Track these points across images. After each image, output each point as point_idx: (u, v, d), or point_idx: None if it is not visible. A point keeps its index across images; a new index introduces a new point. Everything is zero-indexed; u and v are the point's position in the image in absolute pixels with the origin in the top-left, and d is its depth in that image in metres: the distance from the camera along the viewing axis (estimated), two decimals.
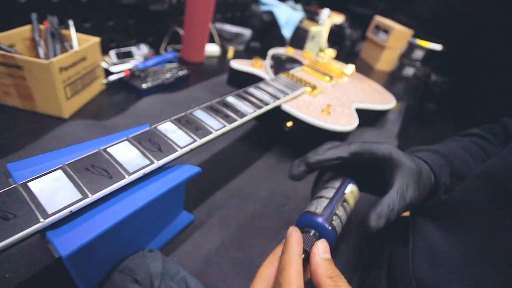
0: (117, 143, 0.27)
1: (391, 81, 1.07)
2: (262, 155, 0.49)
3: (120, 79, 0.58)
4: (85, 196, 0.21)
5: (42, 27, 0.51)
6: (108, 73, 0.59)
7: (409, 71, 1.17)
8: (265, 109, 0.41)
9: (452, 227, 0.28)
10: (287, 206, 0.41)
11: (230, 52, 0.85)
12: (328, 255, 0.21)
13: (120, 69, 0.60)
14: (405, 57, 1.17)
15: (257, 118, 0.40)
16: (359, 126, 0.50)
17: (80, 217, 0.21)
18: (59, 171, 0.23)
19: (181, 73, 0.65)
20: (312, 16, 1.11)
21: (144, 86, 0.57)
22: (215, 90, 0.64)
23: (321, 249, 0.21)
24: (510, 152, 0.27)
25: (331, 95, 0.56)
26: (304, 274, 0.21)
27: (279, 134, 0.51)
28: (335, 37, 1.16)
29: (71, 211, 0.21)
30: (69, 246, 0.19)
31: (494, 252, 0.23)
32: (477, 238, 0.24)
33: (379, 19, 1.12)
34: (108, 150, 0.26)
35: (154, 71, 0.62)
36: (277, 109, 0.45)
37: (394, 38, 1.06)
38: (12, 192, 0.20)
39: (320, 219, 0.23)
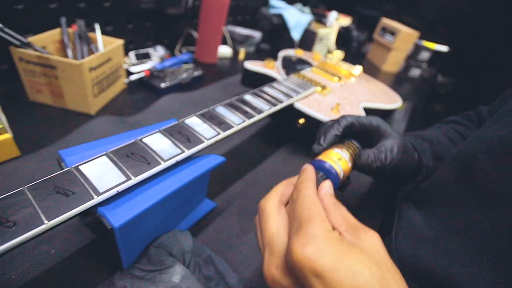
0: (151, 134, 0.30)
1: (398, 82, 1.09)
2: (275, 149, 0.52)
3: (140, 79, 0.61)
4: (128, 178, 0.25)
5: (70, 30, 0.55)
6: (128, 73, 0.63)
7: (415, 72, 1.19)
8: (279, 106, 0.44)
9: (429, 209, 0.31)
10: None
11: (241, 53, 0.88)
12: (332, 192, 0.24)
13: (140, 69, 0.63)
14: (411, 59, 1.19)
15: (271, 115, 0.43)
16: None
17: (125, 196, 0.24)
18: (104, 157, 0.26)
19: (196, 73, 0.68)
20: (320, 18, 1.13)
21: (162, 85, 0.60)
22: (229, 89, 0.67)
23: (327, 186, 0.24)
24: (476, 136, 0.30)
25: (340, 94, 0.59)
26: None
27: (291, 131, 0.54)
28: (343, 39, 1.18)
29: (118, 191, 0.24)
30: (120, 219, 0.22)
31: (465, 229, 0.26)
32: (449, 217, 0.28)
33: (386, 21, 1.14)
34: (144, 140, 0.29)
35: (171, 71, 0.66)
36: (290, 107, 0.48)
37: (401, 40, 1.08)
38: (67, 173, 0.24)
39: (327, 165, 0.26)
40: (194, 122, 0.34)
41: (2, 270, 0.27)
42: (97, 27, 0.56)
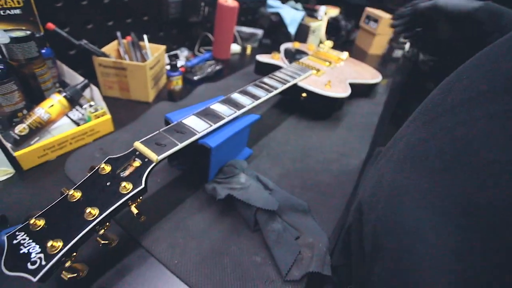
0: (214, 103, 0.49)
1: (383, 63, 1.27)
2: (286, 117, 0.70)
3: None
4: (210, 125, 0.43)
5: (124, 41, 0.73)
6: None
7: (398, 53, 1.37)
8: (288, 85, 0.62)
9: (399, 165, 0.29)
10: (306, 147, 0.62)
11: (248, 49, 1.06)
12: None
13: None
14: (394, 42, 1.37)
15: (282, 92, 0.61)
16: (355, 96, 0.71)
17: (211, 135, 0.43)
18: (193, 116, 0.45)
19: (217, 67, 0.86)
20: (311, 13, 1.31)
21: (195, 78, 0.78)
22: (244, 78, 0.85)
23: None
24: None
25: (331, 75, 0.77)
26: None
27: (296, 103, 0.72)
28: (332, 29, 1.36)
29: (207, 132, 0.42)
30: (214, 143, 0.41)
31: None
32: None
33: (370, 10, 1.31)
34: (211, 107, 0.48)
35: (199, 67, 0.84)
36: (295, 85, 0.66)
37: (383, 26, 1.25)
38: (178, 124, 0.42)
39: None
40: (236, 96, 0.52)
41: None
42: (145, 37, 0.74)
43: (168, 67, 0.82)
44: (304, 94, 0.67)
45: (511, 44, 0.23)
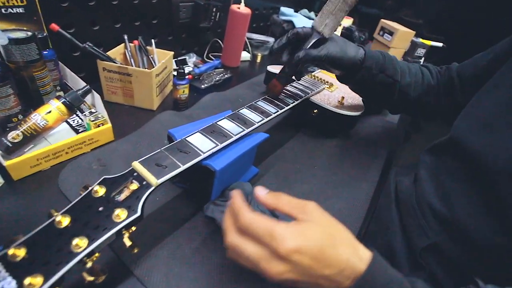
0: (221, 119, 0.45)
1: None
2: (296, 133, 0.67)
3: None
4: (216, 145, 0.40)
5: (131, 45, 0.70)
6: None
7: None
8: (300, 101, 0.59)
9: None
10: (316, 166, 0.59)
11: (259, 57, 1.03)
12: (266, 190, 0.30)
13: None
14: (408, 55, 1.33)
15: (292, 107, 0.58)
16: (367, 113, 0.67)
17: (216, 155, 0.40)
18: (198, 133, 0.41)
19: (226, 76, 0.83)
20: None
21: (203, 86, 0.75)
22: (253, 88, 0.82)
23: (259, 191, 0.30)
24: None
25: (344, 90, 0.73)
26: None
27: (307, 119, 0.68)
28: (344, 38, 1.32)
29: (212, 152, 0.39)
30: (219, 165, 0.37)
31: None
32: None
33: (385, 21, 1.28)
34: (218, 123, 0.44)
35: (207, 74, 0.81)
36: (306, 100, 0.63)
37: (398, 39, 1.22)
38: (181, 142, 0.39)
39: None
40: (245, 112, 0.49)
41: None
42: (153, 42, 0.71)
43: (175, 73, 0.79)
44: (315, 111, 0.64)
45: None
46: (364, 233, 0.50)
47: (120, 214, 0.30)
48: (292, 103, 0.56)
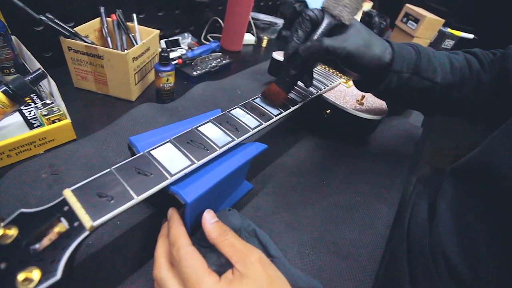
0: (204, 123, 0.34)
1: None
2: (303, 137, 0.55)
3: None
4: (192, 162, 0.29)
5: (109, 20, 0.58)
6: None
7: None
8: (310, 98, 0.47)
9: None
10: (325, 181, 0.48)
11: (265, 41, 0.90)
12: (214, 219, 0.27)
13: (172, 57, 0.66)
14: (433, 47, 1.18)
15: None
16: (387, 114, 0.55)
17: (191, 177, 0.29)
18: (169, 143, 0.30)
19: (224, 61, 0.71)
20: None
21: (194, 73, 0.63)
22: (256, 78, 0.70)
23: (208, 218, 0.27)
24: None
25: None
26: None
27: (316, 120, 0.57)
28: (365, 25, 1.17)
29: (185, 173, 0.28)
30: (191, 196, 0.26)
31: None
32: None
33: (410, 7, 1.12)
34: (199, 129, 0.33)
35: (201, 59, 0.68)
36: (318, 97, 0.51)
37: (424, 27, 1.07)
38: (143, 157, 0.28)
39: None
40: (238, 112, 0.37)
41: None
42: (134, 16, 0.58)
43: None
44: (328, 111, 0.52)
45: None
46: (379, 268, 0.39)
47: (29, 277, 0.20)
48: (300, 102, 0.44)
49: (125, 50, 0.51)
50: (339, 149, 0.54)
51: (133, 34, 0.58)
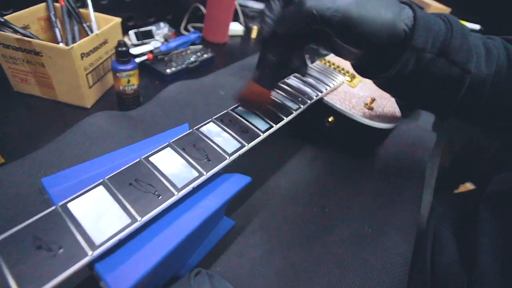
0: (159, 150, 0.24)
1: None
2: (298, 149, 0.46)
3: (142, 63, 0.54)
4: (133, 220, 0.19)
5: (57, 5, 0.46)
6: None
7: None
8: (309, 104, 0.37)
9: None
10: (327, 208, 0.38)
11: (254, 31, 0.79)
12: None
13: (142, 52, 0.55)
14: None
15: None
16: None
17: (129, 243, 0.19)
18: (101, 187, 0.20)
19: (205, 55, 0.60)
20: None
21: (168, 71, 0.53)
22: (243, 74, 0.59)
23: None
24: None
25: (370, 84, 0.51)
26: None
27: (316, 128, 0.47)
28: None
29: (120, 239, 0.18)
30: (123, 284, 0.16)
31: None
32: None
33: None
34: (151, 159, 0.23)
35: (177, 53, 0.57)
36: (319, 102, 0.41)
37: None
38: (52, 216, 0.18)
39: None
40: (211, 130, 0.27)
41: None
42: (89, 1, 0.47)
43: (135, 49, 0.56)
44: (331, 119, 0.42)
45: None
46: None
47: None
48: (296, 110, 0.34)
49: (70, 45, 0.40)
50: (342, 164, 0.45)
51: (88, 24, 0.47)
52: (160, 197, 0.20)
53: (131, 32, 0.59)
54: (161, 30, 0.66)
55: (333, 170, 0.43)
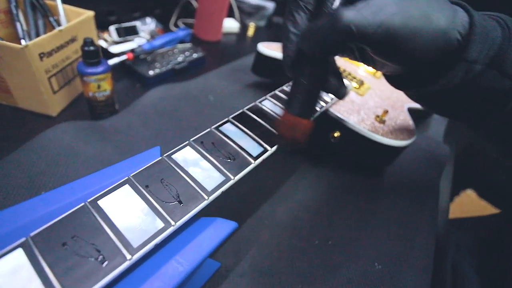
0: (113, 188, 0.18)
1: None
2: (297, 169, 0.40)
3: (121, 63, 0.47)
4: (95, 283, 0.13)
5: None
6: (107, 55, 0.49)
7: None
8: (312, 118, 0.31)
9: None
10: (331, 240, 0.32)
11: (251, 29, 0.73)
12: None
13: (121, 50, 0.49)
14: None
15: None
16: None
17: None
18: (20, 249, 0.14)
19: (195, 55, 0.53)
20: None
21: (151, 73, 0.46)
22: (236, 77, 0.53)
23: None
24: None
25: (379, 91, 0.45)
26: None
27: (319, 145, 0.41)
28: None
29: None
30: None
31: None
32: None
33: None
34: (100, 203, 0.17)
35: (163, 52, 0.51)
36: (324, 114, 0.35)
37: None
38: None
39: None
40: (187, 158, 0.21)
41: None
42: None
43: (116, 48, 0.49)
44: (337, 134, 0.36)
45: None
46: None
47: None
48: None
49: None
50: (348, 187, 0.39)
51: (55, 18, 0.40)
52: (106, 263, 0.14)
53: (112, 28, 0.52)
54: (147, 26, 0.60)
55: (338, 195, 0.38)
